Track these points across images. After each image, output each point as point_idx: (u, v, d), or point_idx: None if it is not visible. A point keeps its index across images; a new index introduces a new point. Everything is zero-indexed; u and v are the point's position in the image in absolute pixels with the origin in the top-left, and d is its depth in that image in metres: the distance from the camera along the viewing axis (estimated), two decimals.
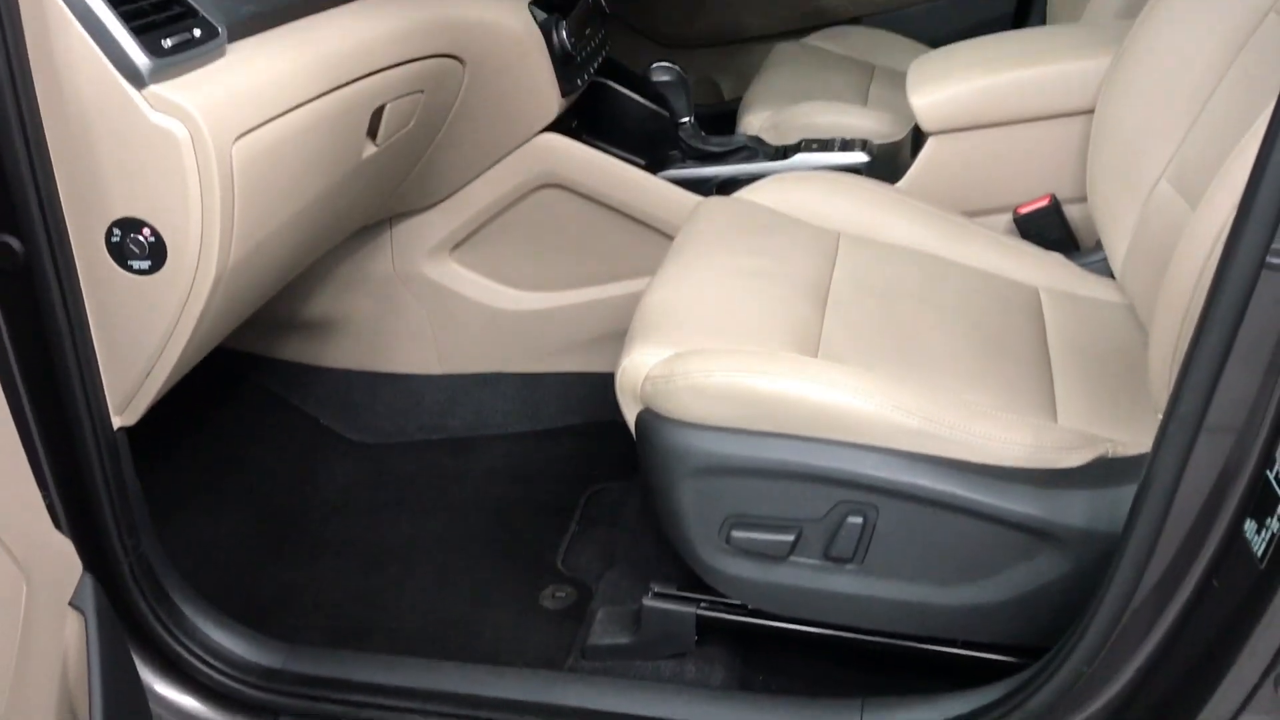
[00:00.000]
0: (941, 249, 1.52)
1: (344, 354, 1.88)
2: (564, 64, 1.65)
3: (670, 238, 1.75)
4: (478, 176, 1.71)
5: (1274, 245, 0.82)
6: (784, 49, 2.35)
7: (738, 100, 2.31)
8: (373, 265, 1.78)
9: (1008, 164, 1.63)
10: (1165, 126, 1.39)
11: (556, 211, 1.76)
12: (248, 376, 1.91)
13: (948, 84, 1.62)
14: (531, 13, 1.61)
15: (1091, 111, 1.56)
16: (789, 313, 1.31)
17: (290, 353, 1.90)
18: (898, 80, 2.20)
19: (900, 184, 1.68)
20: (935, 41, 2.45)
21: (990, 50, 1.68)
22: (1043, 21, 2.47)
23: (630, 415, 1.25)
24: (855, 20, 2.59)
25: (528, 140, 1.69)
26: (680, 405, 1.18)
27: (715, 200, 1.59)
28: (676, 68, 1.84)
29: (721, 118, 2.23)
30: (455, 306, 1.82)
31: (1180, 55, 1.37)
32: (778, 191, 1.59)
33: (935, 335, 1.33)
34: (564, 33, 1.64)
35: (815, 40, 2.42)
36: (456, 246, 1.79)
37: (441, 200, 1.74)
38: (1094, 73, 1.55)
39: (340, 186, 1.33)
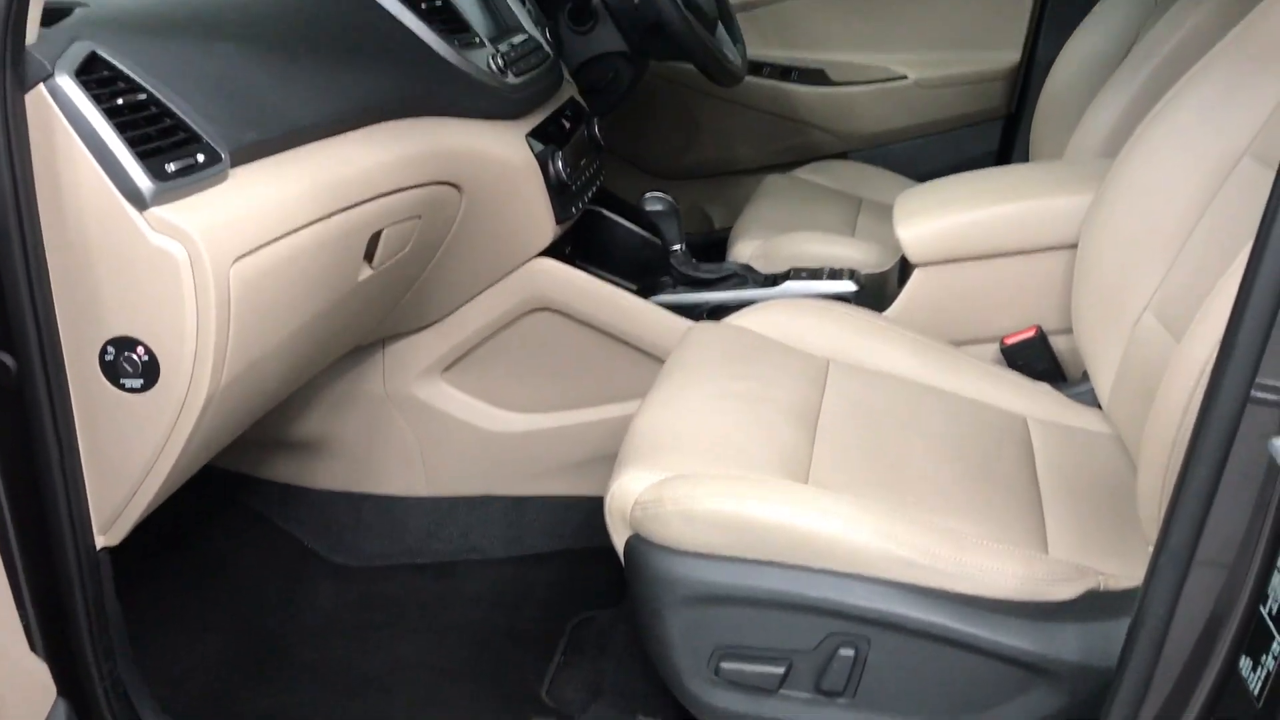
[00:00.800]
0: (930, 377, 1.54)
1: (330, 475, 1.87)
2: (559, 193, 1.69)
3: (661, 361, 1.76)
4: (472, 299, 1.73)
5: (1258, 380, 0.83)
6: (773, 181, 2.41)
7: (728, 229, 2.36)
8: (364, 385, 1.79)
9: (993, 296, 1.65)
10: (1147, 261, 1.42)
11: (549, 334, 1.78)
12: (232, 496, 1.90)
13: (934, 217, 1.66)
14: (529, 144, 1.65)
15: (1074, 246, 1.59)
16: (779, 438, 1.32)
17: (276, 473, 1.89)
18: (884, 213, 2.25)
19: (888, 313, 1.70)
20: (921, 177, 2.52)
21: (974, 185, 1.73)
22: (1025, 159, 2.54)
23: (619, 541, 1.24)
24: (843, 155, 2.66)
25: (522, 265, 1.71)
26: (670, 531, 1.17)
27: (706, 325, 1.61)
28: (668, 197, 1.88)
29: (712, 246, 2.27)
30: (445, 427, 1.82)
31: (1160, 193, 1.41)
32: (768, 318, 1.61)
33: (925, 463, 1.34)
34: (560, 163, 1.68)
35: (804, 173, 2.48)
36: (448, 368, 1.80)
37: (435, 321, 1.75)
38: (1076, 208, 1.58)
39: (335, 308, 1.34)
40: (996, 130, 2.61)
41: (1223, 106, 1.37)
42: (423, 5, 1.53)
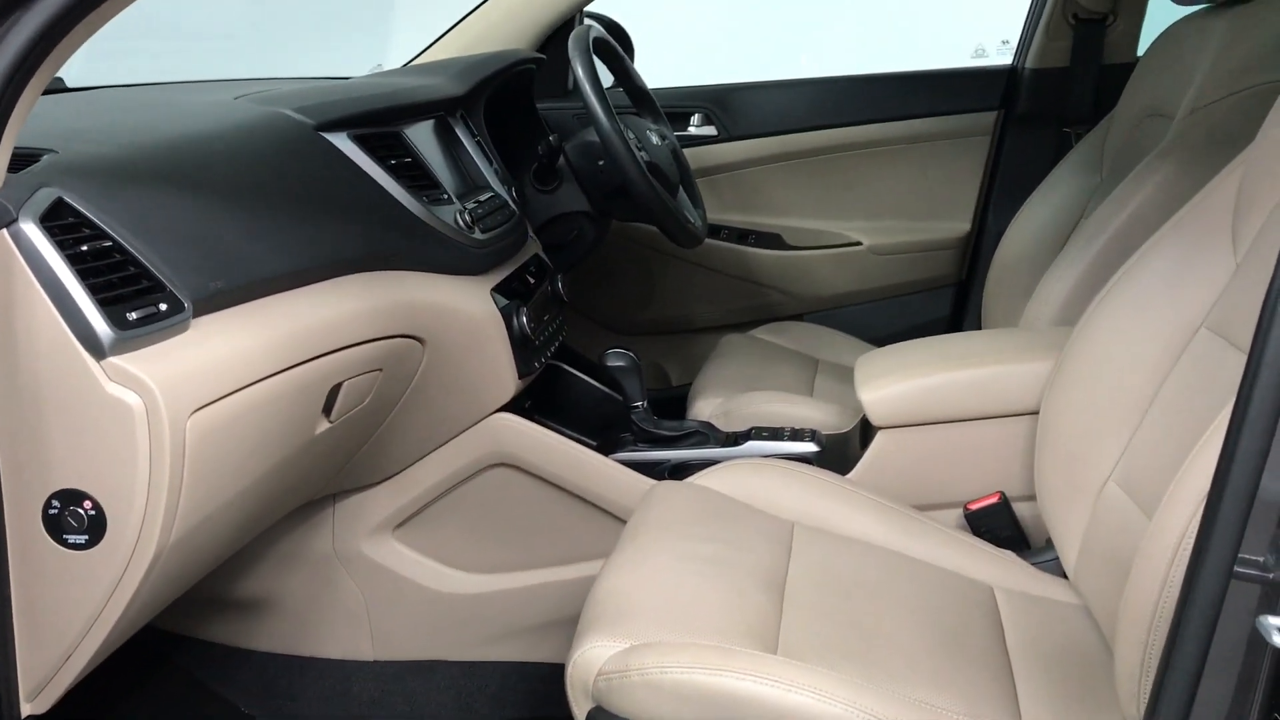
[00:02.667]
0: (896, 543, 1.52)
1: (271, 637, 1.79)
2: (522, 348, 1.68)
3: (622, 521, 1.73)
4: (429, 454, 1.70)
5: (1240, 555, 0.82)
6: (732, 340, 2.43)
7: (685, 386, 2.36)
8: (311, 543, 1.73)
9: (956, 460, 1.65)
10: (1109, 431, 1.43)
11: (507, 491, 1.74)
12: (167, 658, 1.80)
13: (896, 381, 1.66)
14: (493, 298, 1.65)
15: (1036, 413, 1.60)
16: (747, 605, 1.28)
17: (214, 633, 1.80)
18: (841, 374, 2.26)
19: (851, 475, 1.69)
20: (875, 340, 2.56)
21: (935, 350, 1.75)
22: (977, 325, 2.59)
23: (580, 712, 1.18)
24: (799, 317, 2.69)
25: (482, 419, 1.69)
26: (635, 703, 1.12)
27: (668, 485, 1.58)
28: (630, 353, 1.88)
29: (669, 402, 2.26)
30: (394, 588, 1.75)
31: (1120, 363, 1.43)
32: (732, 478, 1.59)
33: (896, 634, 1.30)
34: (524, 318, 1.68)
35: (761, 334, 2.50)
36: (400, 525, 1.75)
37: (390, 477, 1.71)
38: (1037, 375, 1.60)
39: (291, 463, 1.30)
40: (948, 296, 2.67)
41: (1177, 280, 1.40)
42: (393, 161, 1.54)
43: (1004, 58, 2.64)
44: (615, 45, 2.23)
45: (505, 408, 1.70)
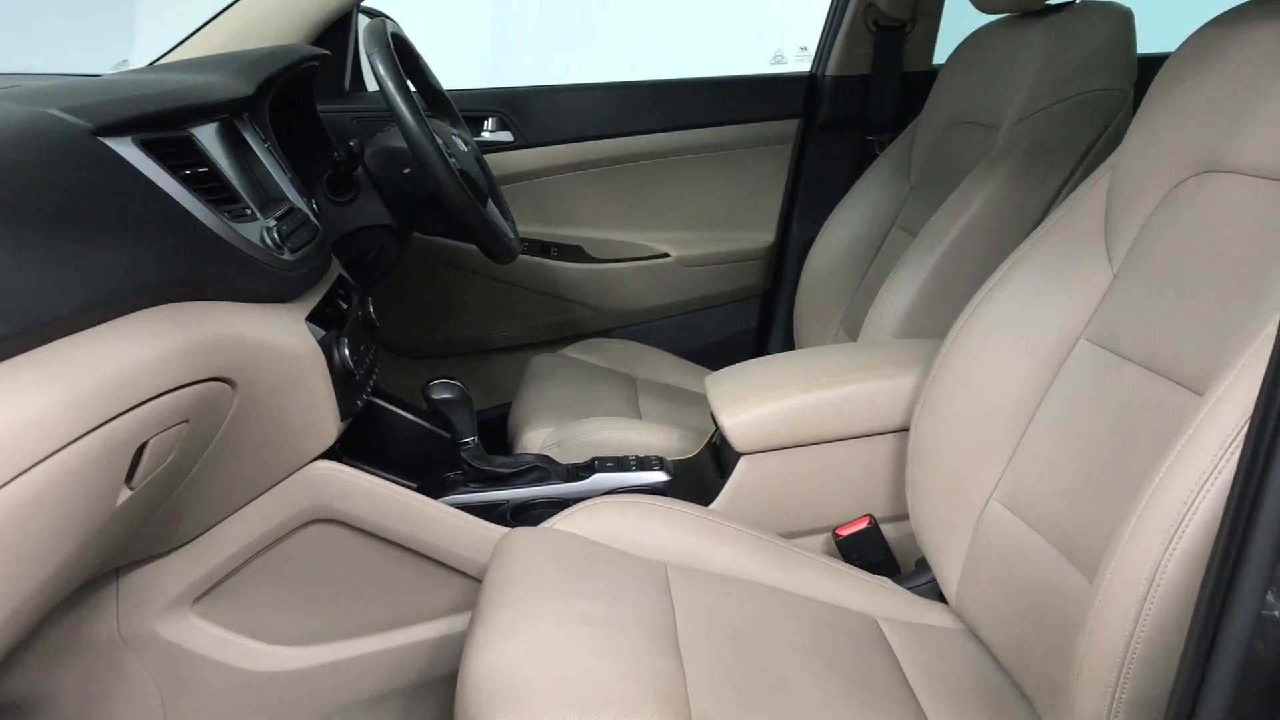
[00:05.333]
0: (772, 577, 1.42)
1: None
2: (344, 384, 1.46)
3: (463, 574, 1.55)
4: (234, 513, 1.45)
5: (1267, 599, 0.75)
6: (543, 361, 2.27)
7: (484, 410, 2.19)
8: (91, 628, 1.44)
9: (822, 483, 1.57)
10: (988, 448, 1.38)
11: (328, 550, 1.51)
12: None
13: (757, 403, 1.56)
14: (309, 328, 1.42)
15: (902, 430, 1.55)
16: (648, 669, 1.14)
17: None
18: (663, 392, 2.16)
19: (715, 505, 1.58)
20: (686, 353, 2.48)
21: (792, 368, 1.66)
22: (785, 336, 2.55)
23: None
24: (606, 332, 2.57)
25: (298, 469, 1.45)
26: None
27: (524, 533, 1.41)
28: (458, 383, 1.69)
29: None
30: (194, 671, 1.49)
31: (996, 379, 1.38)
32: (593, 520, 1.44)
33: (804, 684, 1.20)
34: (344, 350, 1.46)
35: (573, 352, 2.36)
36: (200, 597, 1.49)
37: (186, 543, 1.45)
38: (902, 391, 1.54)
39: (86, 546, 1.05)
40: (755, 307, 2.61)
41: (1051, 291, 1.37)
42: (186, 171, 1.29)
43: (802, 64, 2.62)
44: (410, 42, 2.03)
45: (324, 455, 1.48)
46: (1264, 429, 0.75)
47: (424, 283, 2.46)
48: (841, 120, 2.51)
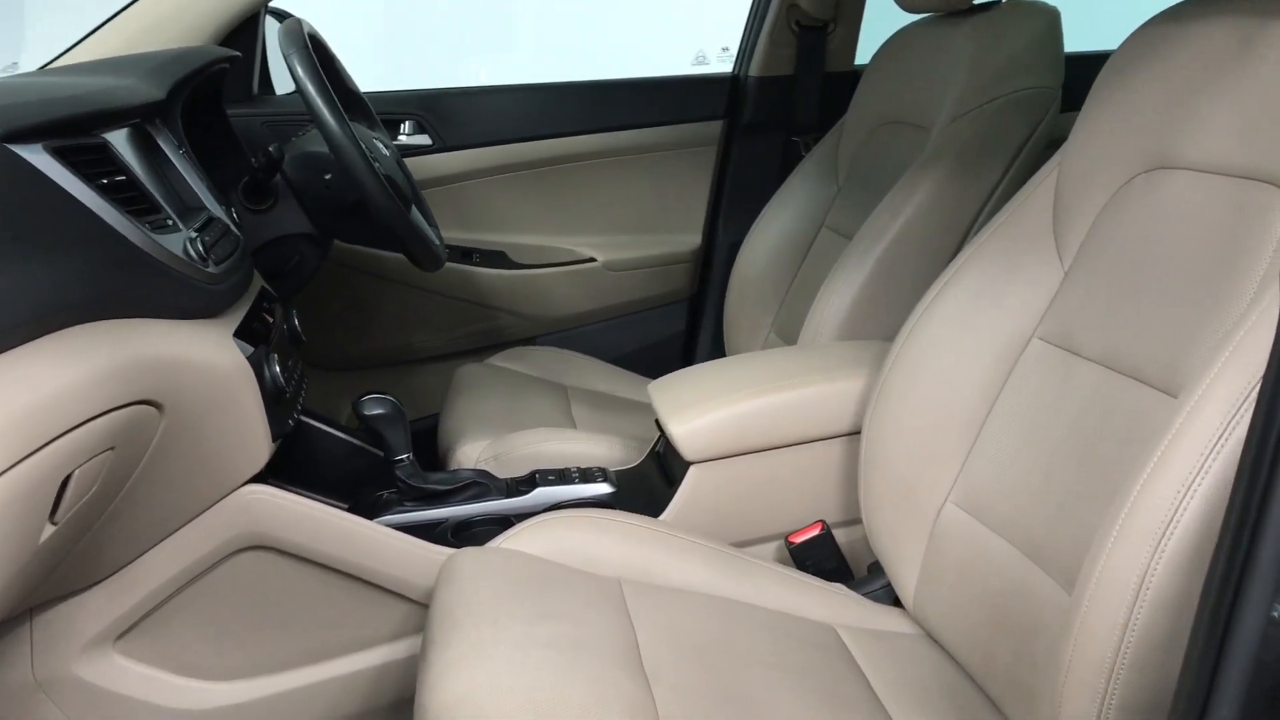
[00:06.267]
0: (729, 589, 1.39)
1: None
2: (276, 402, 1.39)
3: (405, 598, 1.48)
4: (160, 543, 1.36)
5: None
6: (470, 371, 2.21)
7: (413, 422, 2.11)
8: (2, 673, 1.33)
9: (774, 490, 1.54)
10: (943, 449, 1.36)
11: (260, 578, 1.43)
12: None
13: (706, 410, 1.53)
14: (237, 345, 1.34)
15: (853, 433, 1.53)
16: (617, 694, 1.09)
17: None
18: (595, 401, 2.11)
19: (665, 516, 1.54)
20: (614, 359, 2.44)
21: (739, 373, 1.63)
22: (714, 340, 2.53)
23: None
24: (531, 340, 2.51)
25: (227, 495, 1.37)
26: None
27: (470, 554, 1.35)
28: (390, 398, 1.61)
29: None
30: (118, 713, 1.39)
31: (949, 380, 1.37)
32: (540, 537, 1.39)
33: (773, 701, 1.16)
34: (275, 366, 1.38)
35: (500, 361, 2.30)
36: (124, 634, 1.39)
37: (107, 576, 1.36)
38: (850, 394, 1.52)
39: (8, 588, 0.96)
40: (683, 311, 2.58)
41: (1002, 290, 1.36)
42: (103, 180, 1.20)
43: (725, 65, 2.59)
44: (326, 43, 1.94)
45: (254, 478, 1.40)
46: (1268, 431, 0.74)
47: (340, 293, 2.37)
48: (766, 121, 2.50)
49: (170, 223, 1.30)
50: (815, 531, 1.51)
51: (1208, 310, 1.05)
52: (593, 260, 2.48)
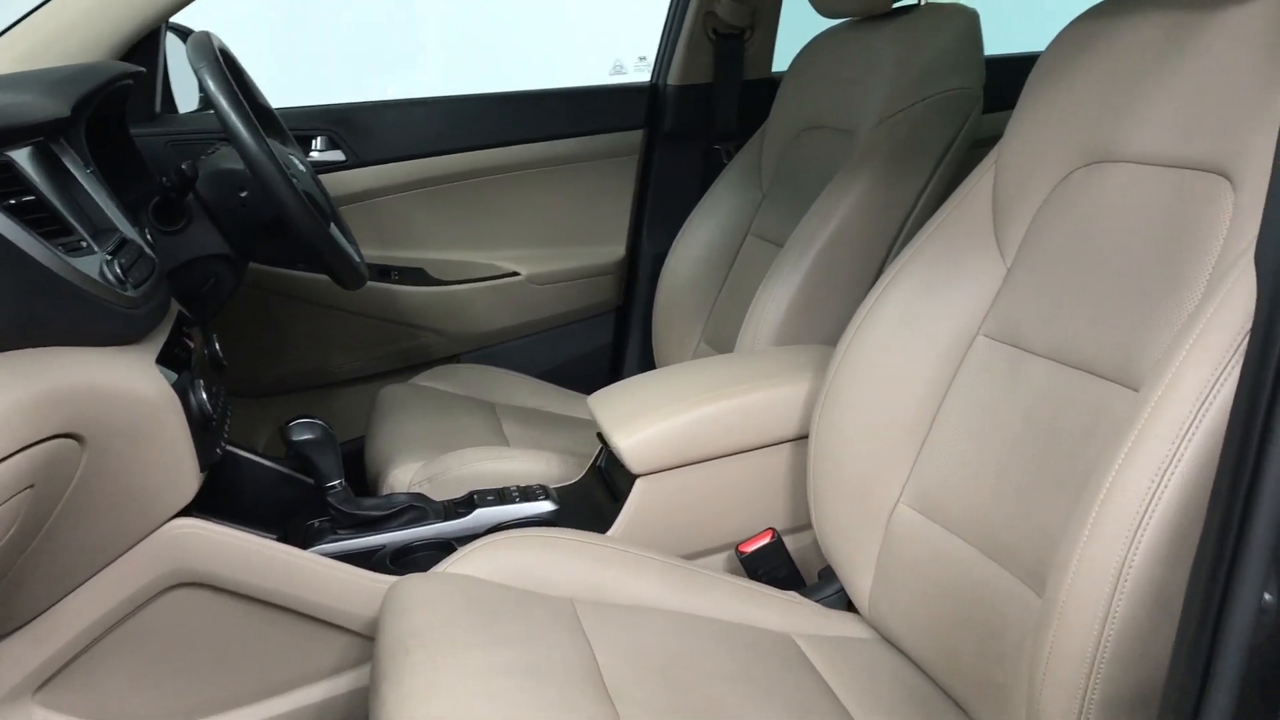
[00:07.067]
0: (684, 604, 1.36)
1: None
2: (203, 431, 1.32)
3: (345, 629, 1.42)
4: (83, 584, 1.28)
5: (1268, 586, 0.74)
6: (393, 392, 2.14)
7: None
8: None
9: (722, 499, 1.52)
10: (892, 451, 1.36)
11: (191, 617, 1.36)
12: None
13: (651, 421, 1.50)
14: (161, 372, 1.27)
15: (799, 438, 1.51)
16: (580, 715, 1.06)
17: None
18: (526, 417, 2.07)
19: (612, 531, 1.50)
20: (541, 374, 2.40)
21: (681, 382, 1.60)
22: (642, 351, 2.50)
23: None
24: (455, 358, 2.45)
25: (154, 530, 1.30)
26: None
27: (416, 581, 1.30)
28: (320, 422, 1.55)
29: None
30: None
31: (895, 380, 1.36)
32: (488, 560, 1.35)
33: (741, 713, 1.14)
34: (201, 392, 1.31)
35: (424, 381, 2.24)
36: (44, 684, 1.31)
37: (25, 623, 1.27)
38: (796, 399, 1.51)
39: None
40: (609, 323, 2.55)
41: (945, 289, 1.36)
42: (12, 201, 1.13)
43: (643, 74, 2.57)
44: (236, 58, 1.87)
45: (181, 512, 1.33)
46: (1251, 418, 0.73)
47: (255, 315, 2.28)
48: (686, 130, 2.48)
49: (84, 245, 1.23)
50: (766, 540, 1.49)
51: (1161, 300, 1.06)
52: (516, 274, 2.44)
